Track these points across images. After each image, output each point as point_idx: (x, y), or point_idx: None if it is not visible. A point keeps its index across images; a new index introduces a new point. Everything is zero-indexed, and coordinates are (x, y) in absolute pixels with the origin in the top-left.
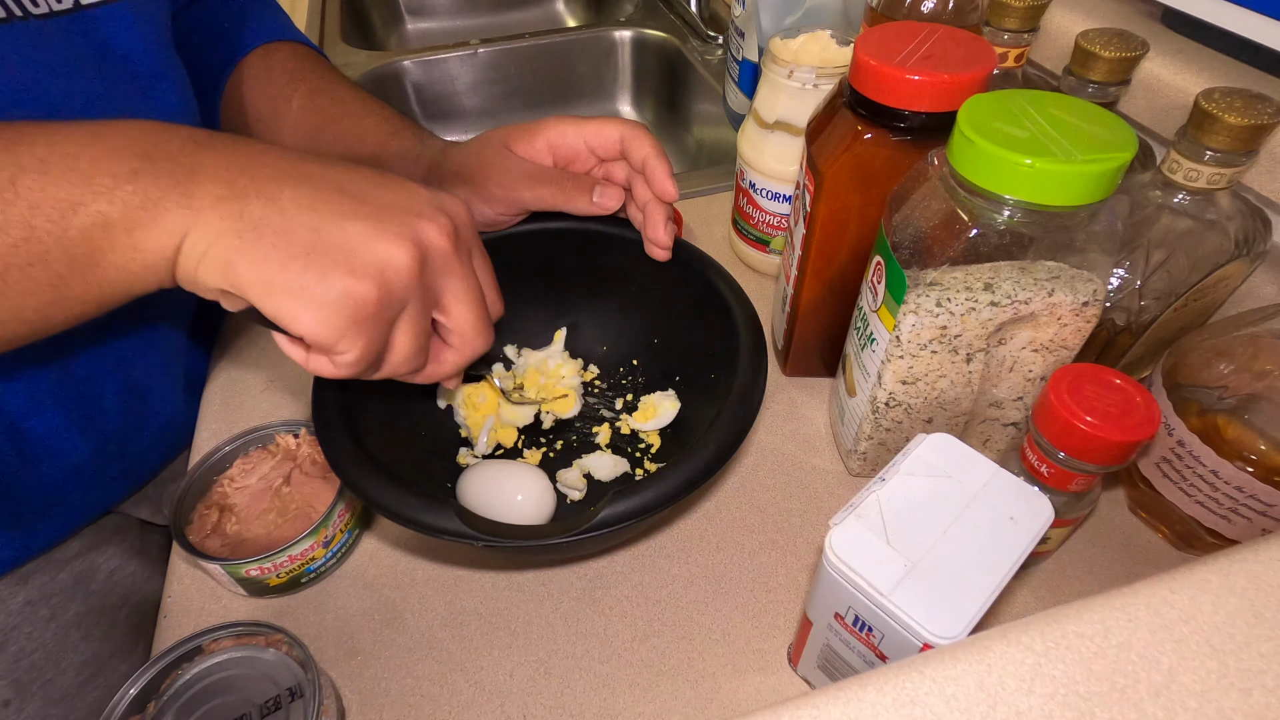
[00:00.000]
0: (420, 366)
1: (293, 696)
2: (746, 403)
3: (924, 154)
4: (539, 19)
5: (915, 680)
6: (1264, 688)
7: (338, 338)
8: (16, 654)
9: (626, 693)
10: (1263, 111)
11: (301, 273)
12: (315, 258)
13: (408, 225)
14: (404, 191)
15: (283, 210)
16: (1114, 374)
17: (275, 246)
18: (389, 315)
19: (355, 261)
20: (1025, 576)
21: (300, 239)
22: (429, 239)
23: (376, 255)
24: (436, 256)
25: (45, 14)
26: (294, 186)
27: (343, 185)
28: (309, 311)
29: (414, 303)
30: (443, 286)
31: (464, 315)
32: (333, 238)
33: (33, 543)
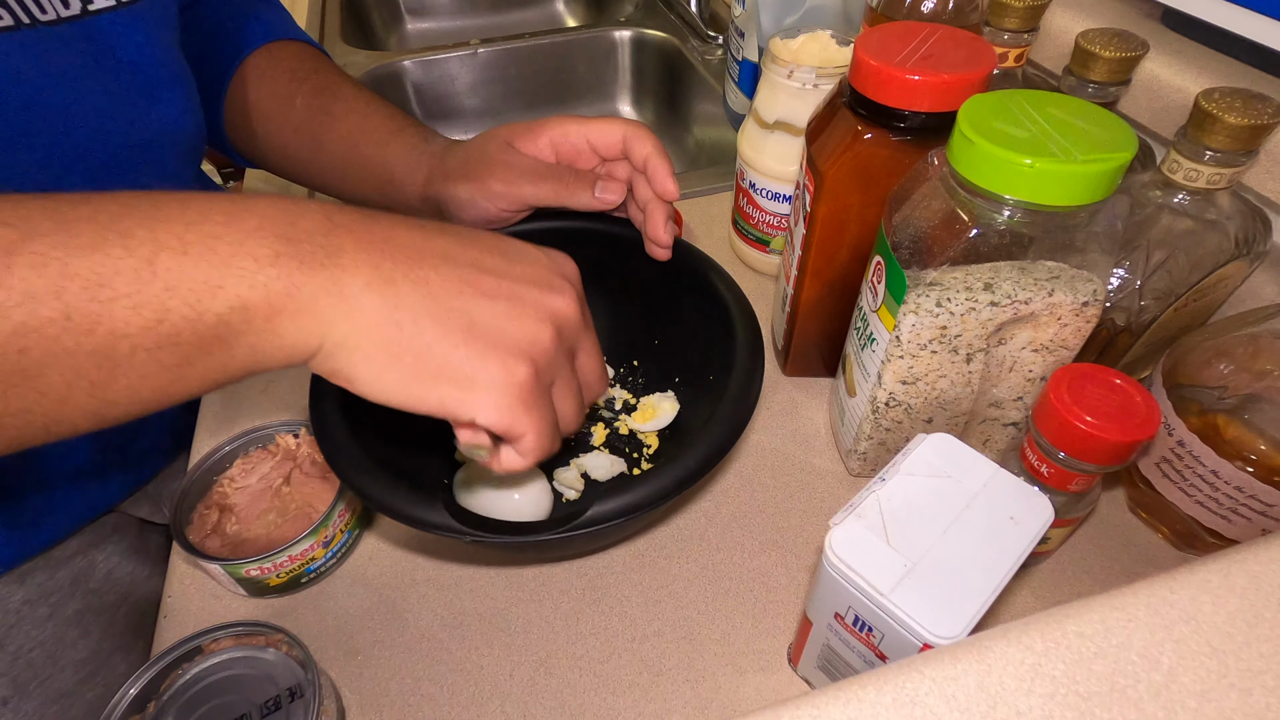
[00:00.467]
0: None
1: (293, 696)
2: (741, 403)
3: (924, 154)
4: (539, 19)
5: (915, 680)
6: (1264, 688)
7: (513, 420)
8: (15, 652)
9: (626, 693)
10: (1263, 111)
11: (465, 360)
12: (475, 343)
13: (543, 301)
14: (529, 264)
15: (434, 295)
16: (1114, 374)
17: (436, 336)
18: (546, 387)
19: (509, 342)
20: (1025, 576)
21: (458, 324)
22: (562, 313)
23: (525, 334)
24: (570, 324)
25: (53, 20)
26: (438, 269)
27: (478, 262)
28: (482, 398)
29: (563, 368)
30: (577, 346)
31: (593, 369)
32: (484, 320)
33: (33, 542)
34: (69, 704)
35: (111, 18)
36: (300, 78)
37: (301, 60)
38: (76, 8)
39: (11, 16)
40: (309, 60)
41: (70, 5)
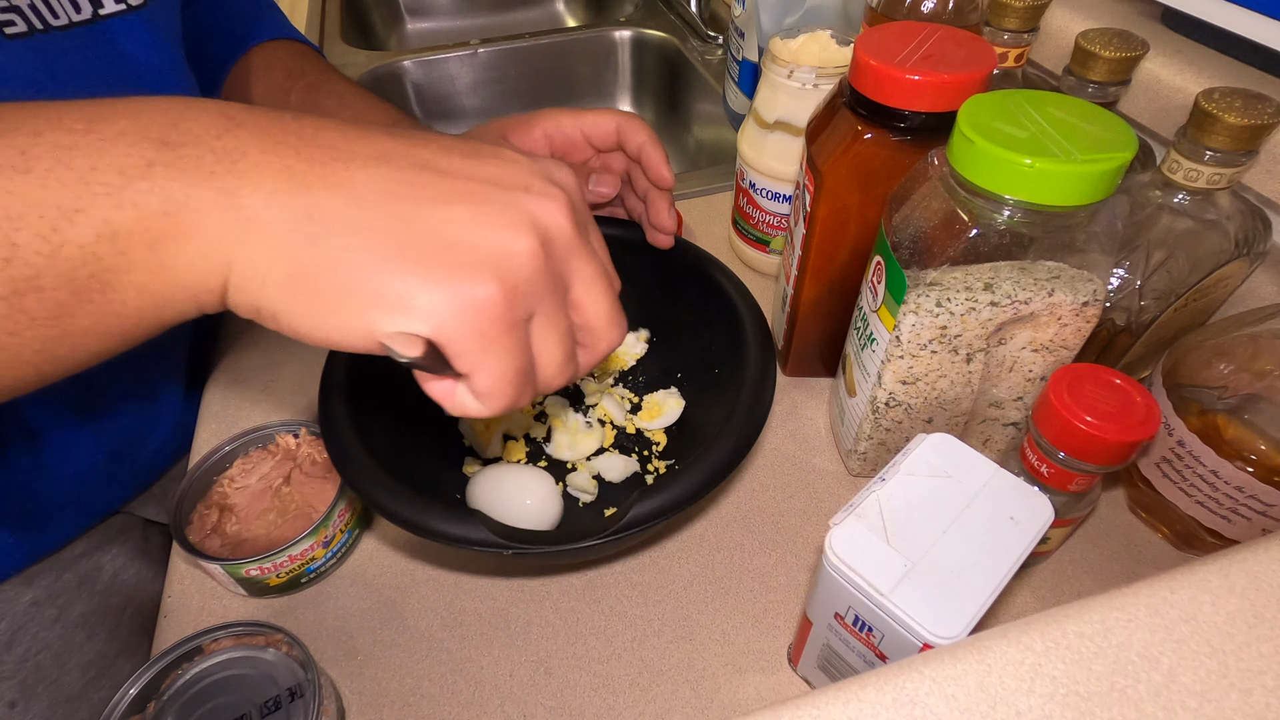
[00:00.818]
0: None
1: (293, 696)
2: (761, 392)
3: (924, 154)
4: (539, 19)
5: (915, 680)
6: (1264, 688)
7: (462, 349)
8: (23, 655)
9: (626, 693)
10: (1263, 111)
11: (396, 278)
12: (410, 257)
13: (519, 204)
14: (502, 162)
15: (360, 200)
16: (1114, 374)
17: (361, 250)
18: (519, 318)
19: (464, 255)
20: (1025, 576)
21: (392, 234)
22: (549, 218)
23: (490, 244)
24: (561, 238)
25: (65, 25)
26: (367, 168)
27: (427, 161)
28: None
29: (549, 297)
30: (573, 275)
31: (597, 305)
32: (430, 228)
33: (41, 544)
34: (76, 707)
35: (121, 21)
36: (295, 74)
37: (297, 58)
38: (88, 12)
39: (25, 23)
40: (304, 59)
41: (81, 9)
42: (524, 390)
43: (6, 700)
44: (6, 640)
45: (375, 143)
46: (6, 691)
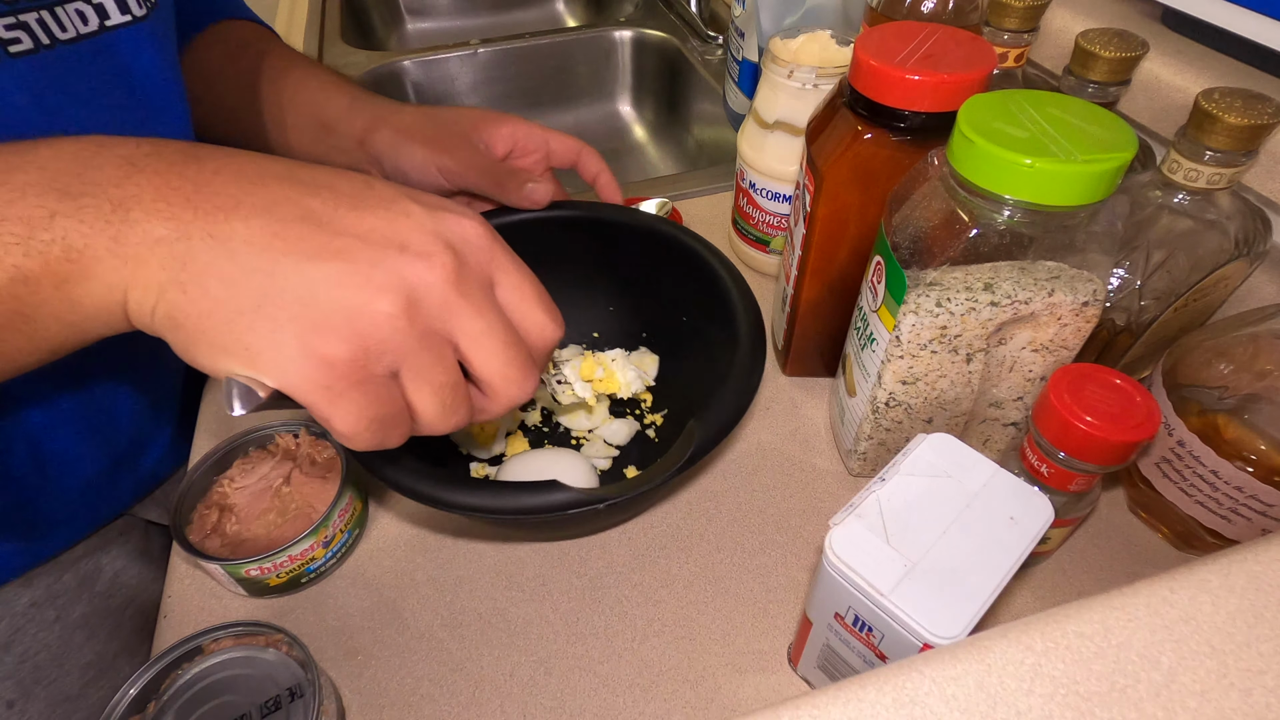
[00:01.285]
0: (463, 422)
1: (293, 696)
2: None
3: (924, 154)
4: (539, 19)
5: (915, 680)
6: (1264, 688)
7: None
8: (21, 655)
9: (626, 693)
10: (1263, 111)
11: (249, 330)
12: (265, 312)
13: (388, 264)
14: (390, 215)
15: (233, 253)
16: (1114, 374)
17: (221, 301)
18: (378, 374)
19: (316, 314)
20: (1025, 576)
21: (250, 289)
22: (417, 278)
23: (345, 304)
24: (431, 298)
25: (72, 39)
26: (249, 219)
27: (312, 213)
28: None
29: (415, 355)
30: (454, 330)
31: (487, 361)
32: (290, 284)
33: (43, 550)
34: (74, 707)
35: (126, 33)
36: (249, 44)
37: (253, 32)
38: (94, 24)
39: (32, 40)
40: (260, 33)
41: (89, 21)
42: (390, 434)
43: (5, 700)
44: (5, 640)
45: (266, 191)
46: (5, 691)
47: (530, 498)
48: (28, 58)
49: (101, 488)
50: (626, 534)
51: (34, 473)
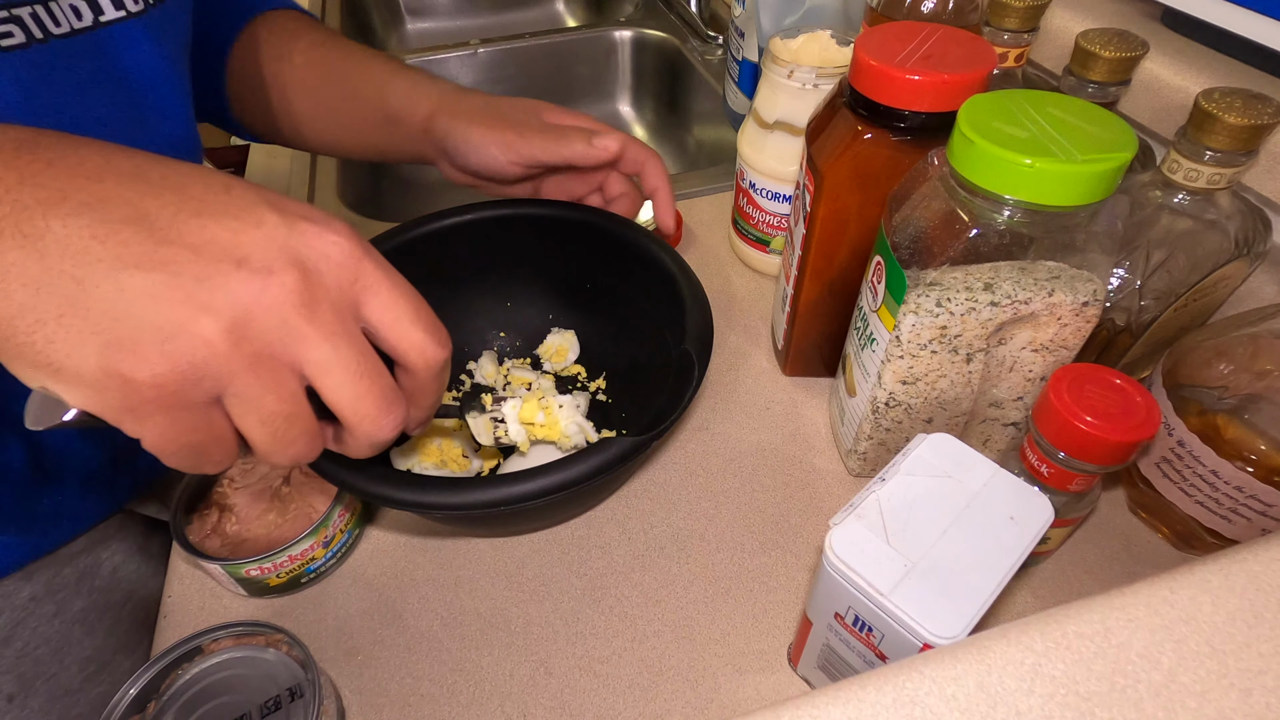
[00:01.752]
0: (304, 455)
1: (293, 696)
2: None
3: (924, 154)
4: (539, 19)
5: (915, 680)
6: (1264, 688)
7: (117, 421)
8: (21, 649)
9: (626, 693)
10: (1263, 111)
11: (47, 343)
12: (67, 322)
13: (218, 280)
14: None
15: (43, 254)
16: (1114, 374)
17: (24, 307)
18: (194, 399)
19: (124, 331)
20: (1025, 576)
21: (55, 295)
22: (251, 299)
23: (159, 322)
24: (266, 321)
25: (66, 33)
26: (68, 217)
27: (145, 215)
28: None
29: (239, 381)
30: (296, 355)
31: (336, 393)
32: (100, 294)
33: (43, 545)
34: (74, 701)
35: (122, 29)
36: (298, 35)
37: (297, 22)
38: (89, 19)
39: (24, 33)
40: (306, 22)
41: (83, 16)
42: (205, 460)
43: (5, 694)
44: (5, 635)
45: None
46: (4, 685)
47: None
48: (19, 52)
49: (100, 483)
50: (626, 534)
51: (32, 469)
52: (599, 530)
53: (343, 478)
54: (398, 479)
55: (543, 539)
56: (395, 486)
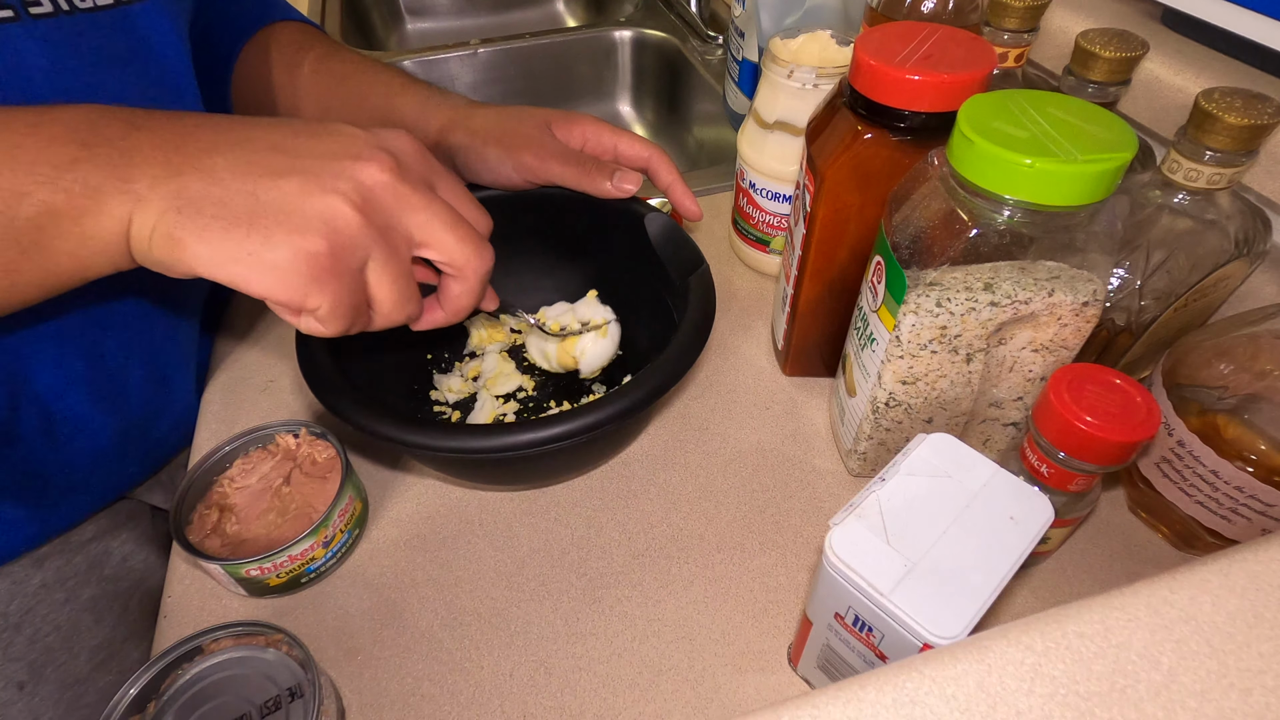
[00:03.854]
0: (413, 313)
1: (293, 696)
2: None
3: (924, 154)
4: (539, 19)
5: (915, 680)
6: (1264, 688)
7: (302, 296)
8: (32, 635)
9: (626, 693)
10: (1263, 111)
11: (245, 239)
12: (257, 222)
13: (343, 172)
14: (339, 138)
15: (219, 180)
16: (1114, 374)
17: (215, 218)
18: (350, 265)
19: (297, 219)
20: (1025, 576)
21: (239, 206)
22: (367, 179)
23: (318, 208)
24: (383, 194)
25: (91, 8)
26: (227, 154)
27: (277, 144)
28: (263, 276)
29: (377, 247)
30: (407, 222)
31: (444, 239)
32: (271, 198)
33: (52, 522)
34: (83, 690)
35: (145, 8)
36: (305, 47)
37: (306, 33)
38: None
39: (51, 3)
40: (314, 34)
41: None
42: (358, 319)
43: (16, 681)
44: (16, 621)
45: (239, 132)
46: (16, 672)
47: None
48: (47, 20)
49: (111, 458)
50: (626, 534)
51: (43, 436)
52: (599, 530)
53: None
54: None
55: (543, 539)
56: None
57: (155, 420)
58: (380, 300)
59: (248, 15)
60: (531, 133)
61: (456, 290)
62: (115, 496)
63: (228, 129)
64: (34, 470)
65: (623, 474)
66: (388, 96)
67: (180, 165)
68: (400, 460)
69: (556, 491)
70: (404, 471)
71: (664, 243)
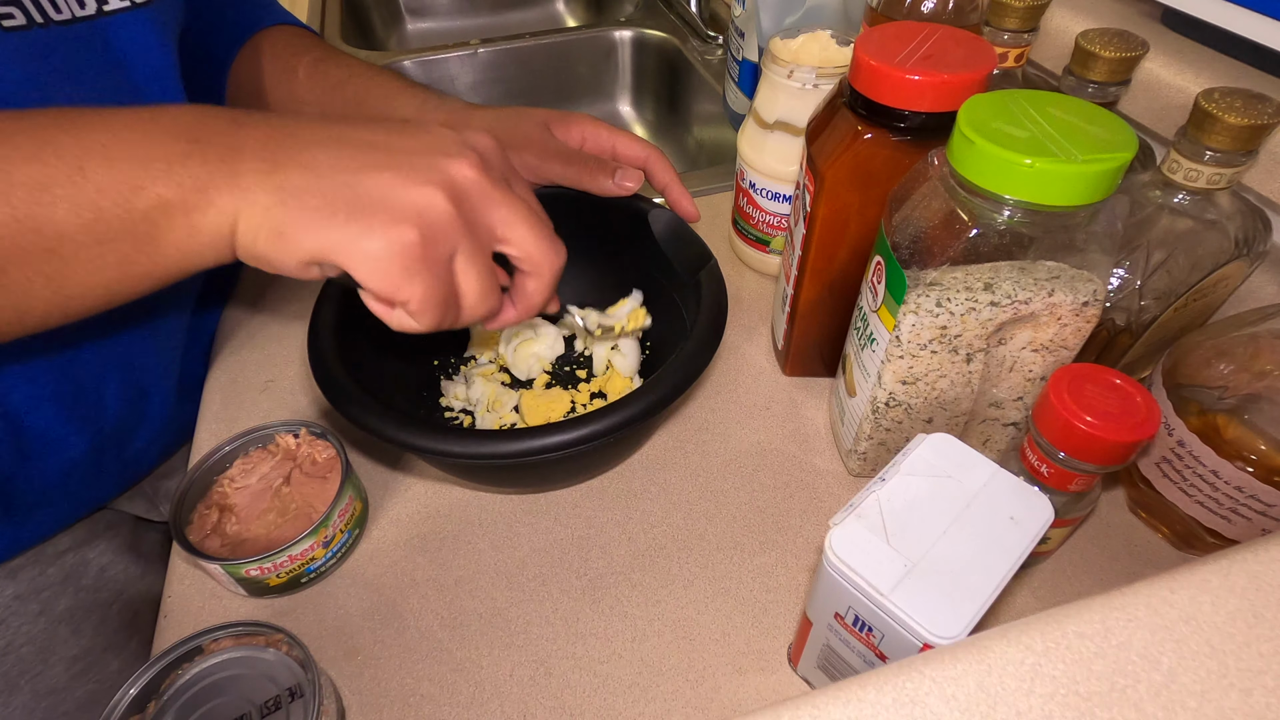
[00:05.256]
0: (495, 307)
1: (293, 696)
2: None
3: (924, 154)
4: (539, 19)
5: (915, 680)
6: (1264, 688)
7: (395, 286)
8: (4, 647)
9: (626, 693)
10: (1263, 111)
11: (344, 227)
12: (356, 213)
13: (436, 166)
14: (430, 135)
15: (320, 174)
16: (1114, 374)
17: (319, 210)
18: (441, 256)
19: (394, 210)
20: (1025, 576)
21: (341, 197)
22: (459, 174)
23: (413, 200)
24: (472, 189)
25: (67, 20)
26: (327, 149)
27: (371, 141)
28: (362, 264)
29: (465, 240)
30: (491, 217)
31: (525, 235)
32: (368, 191)
33: (23, 536)
34: (59, 700)
35: (125, 18)
36: (300, 51)
37: (302, 38)
38: (92, 7)
39: (24, 16)
40: (309, 39)
41: (86, 5)
42: (448, 312)
43: None
44: None
45: (333, 129)
46: None
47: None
48: (20, 33)
49: (85, 472)
50: (626, 534)
51: (12, 450)
52: (599, 530)
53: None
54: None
55: (543, 539)
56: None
57: (132, 434)
58: (467, 292)
59: (242, 20)
60: (531, 133)
61: (532, 286)
62: (91, 509)
63: (324, 126)
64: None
65: (623, 474)
66: (385, 100)
67: (283, 160)
68: (400, 460)
69: (557, 492)
70: (404, 471)
71: (670, 239)
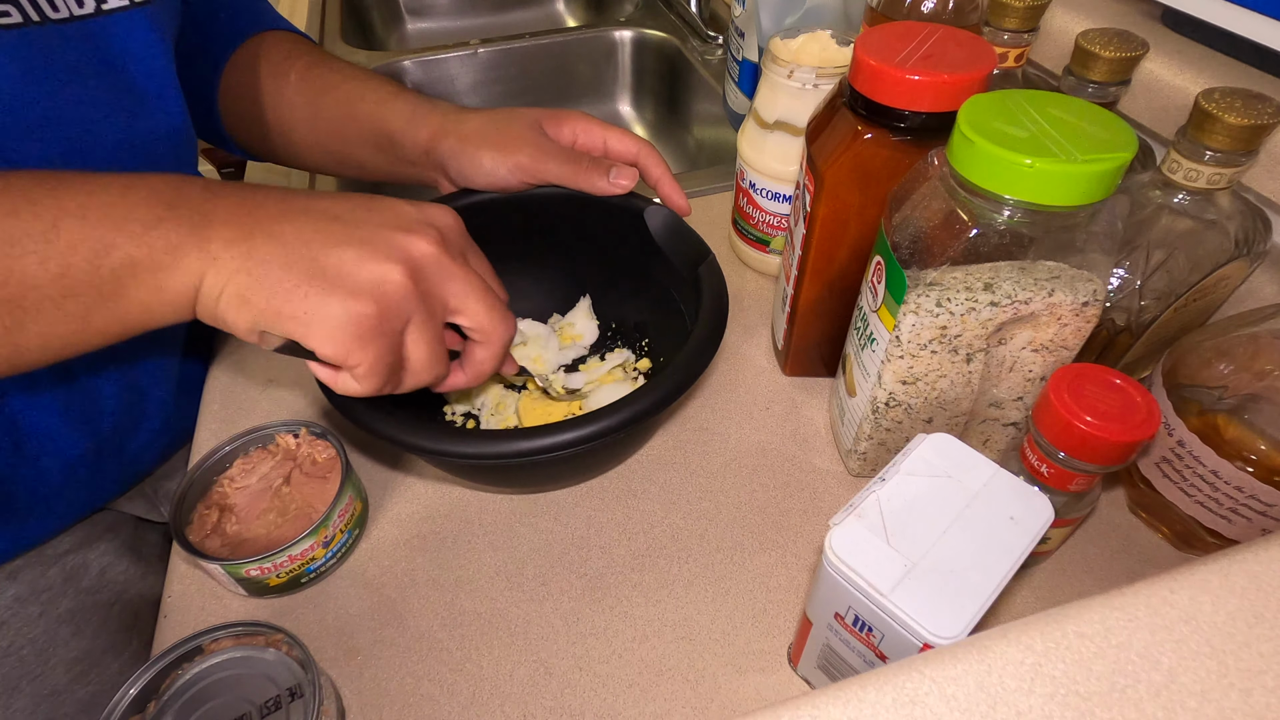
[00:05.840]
0: (441, 374)
1: (293, 696)
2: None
3: (924, 154)
4: (539, 19)
5: (915, 680)
6: (1264, 688)
7: (346, 353)
8: (5, 649)
9: (626, 693)
10: (1263, 111)
11: (304, 299)
12: (316, 284)
13: (396, 243)
14: (392, 212)
15: (286, 245)
16: (1114, 374)
17: (281, 280)
18: (393, 327)
19: (351, 283)
20: (1025, 576)
21: (302, 269)
22: (417, 251)
23: (371, 275)
24: (429, 265)
25: (65, 19)
26: (294, 221)
27: (338, 215)
28: (317, 332)
29: (417, 312)
30: (445, 291)
31: (476, 308)
32: (330, 264)
33: (22, 537)
34: (59, 701)
35: (124, 18)
36: (293, 56)
37: (294, 43)
38: (90, 6)
39: (20, 14)
40: (301, 44)
41: (84, 4)
42: (393, 377)
43: None
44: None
45: (301, 202)
46: None
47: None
48: (16, 30)
49: (84, 473)
50: (626, 534)
51: (10, 451)
52: (599, 530)
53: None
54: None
55: (543, 539)
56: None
57: (130, 435)
58: (414, 360)
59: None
60: (524, 133)
61: (481, 355)
62: (90, 510)
63: (291, 199)
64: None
65: (623, 474)
66: (377, 105)
67: (251, 229)
68: (400, 460)
69: (557, 492)
70: (404, 471)
71: (666, 235)
